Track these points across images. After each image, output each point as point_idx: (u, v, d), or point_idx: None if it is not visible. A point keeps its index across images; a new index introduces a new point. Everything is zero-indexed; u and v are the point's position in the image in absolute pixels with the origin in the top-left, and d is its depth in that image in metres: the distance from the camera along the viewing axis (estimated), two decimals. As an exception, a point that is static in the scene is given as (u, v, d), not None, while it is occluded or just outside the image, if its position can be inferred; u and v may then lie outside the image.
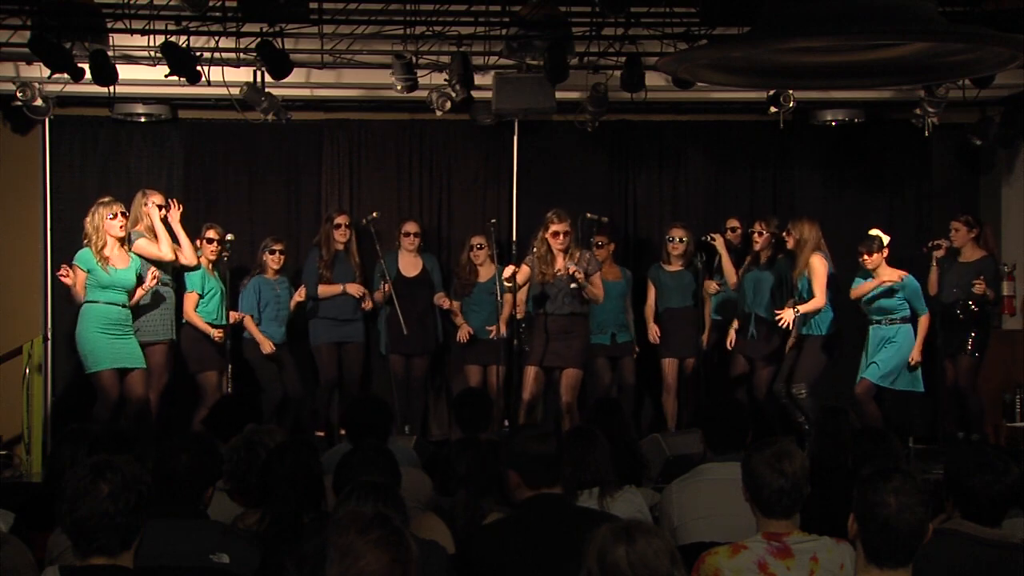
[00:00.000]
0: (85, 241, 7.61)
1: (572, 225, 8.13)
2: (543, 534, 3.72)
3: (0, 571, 3.46)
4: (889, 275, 8.06)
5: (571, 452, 4.39)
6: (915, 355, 8.08)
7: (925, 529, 3.08)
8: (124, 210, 7.67)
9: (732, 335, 8.80)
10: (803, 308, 8.21)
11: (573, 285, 7.97)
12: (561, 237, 8.07)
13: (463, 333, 8.94)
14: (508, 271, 8.10)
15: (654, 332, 8.92)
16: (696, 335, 8.87)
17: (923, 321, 8.11)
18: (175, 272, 8.20)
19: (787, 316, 8.19)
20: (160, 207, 8.01)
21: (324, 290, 8.76)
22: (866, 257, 8.05)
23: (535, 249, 8.19)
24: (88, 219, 7.65)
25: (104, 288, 7.54)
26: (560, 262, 8.09)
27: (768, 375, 8.63)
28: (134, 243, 7.77)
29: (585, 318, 8.28)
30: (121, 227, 7.61)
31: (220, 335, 8.22)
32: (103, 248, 7.54)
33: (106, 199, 7.72)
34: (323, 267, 8.78)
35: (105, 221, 7.56)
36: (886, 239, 8.10)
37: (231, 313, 8.41)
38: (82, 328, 7.56)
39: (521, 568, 3.66)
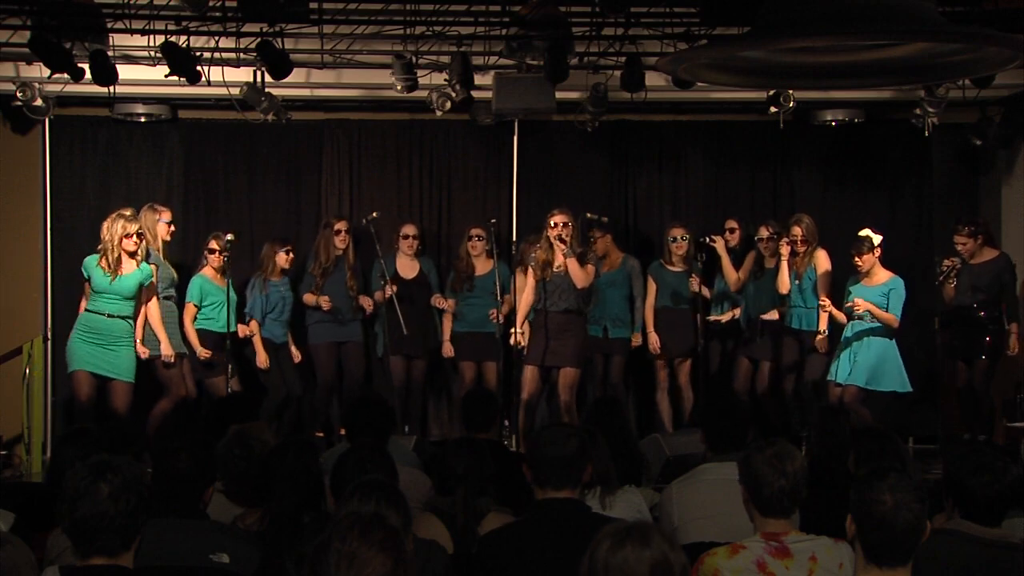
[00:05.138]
0: (99, 247, 7.63)
1: (574, 219, 8.21)
2: (548, 540, 3.71)
3: (0, 571, 3.46)
4: (881, 275, 8.02)
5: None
6: (860, 302, 7.88)
7: (923, 527, 3.08)
8: (142, 230, 7.73)
9: (728, 316, 8.78)
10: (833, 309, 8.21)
11: (561, 245, 8.07)
12: (561, 228, 8.14)
13: (447, 349, 8.98)
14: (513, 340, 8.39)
15: (654, 341, 8.89)
16: (692, 336, 8.87)
17: (892, 316, 7.93)
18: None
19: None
20: (170, 223, 8.22)
21: (307, 299, 8.78)
22: (856, 259, 7.98)
23: (535, 252, 8.23)
24: (105, 225, 7.64)
25: (97, 294, 7.60)
26: (560, 257, 8.15)
27: (770, 373, 8.64)
28: (147, 283, 7.75)
29: (582, 316, 8.33)
30: (135, 244, 7.65)
31: (206, 354, 8.25)
32: (117, 259, 7.56)
33: (127, 212, 7.72)
34: (319, 273, 8.78)
35: (120, 236, 7.59)
36: (877, 239, 8.03)
37: (240, 327, 8.49)
38: (72, 333, 7.74)
39: (524, 574, 3.65)
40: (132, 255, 7.64)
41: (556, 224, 8.18)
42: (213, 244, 8.40)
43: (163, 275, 8.07)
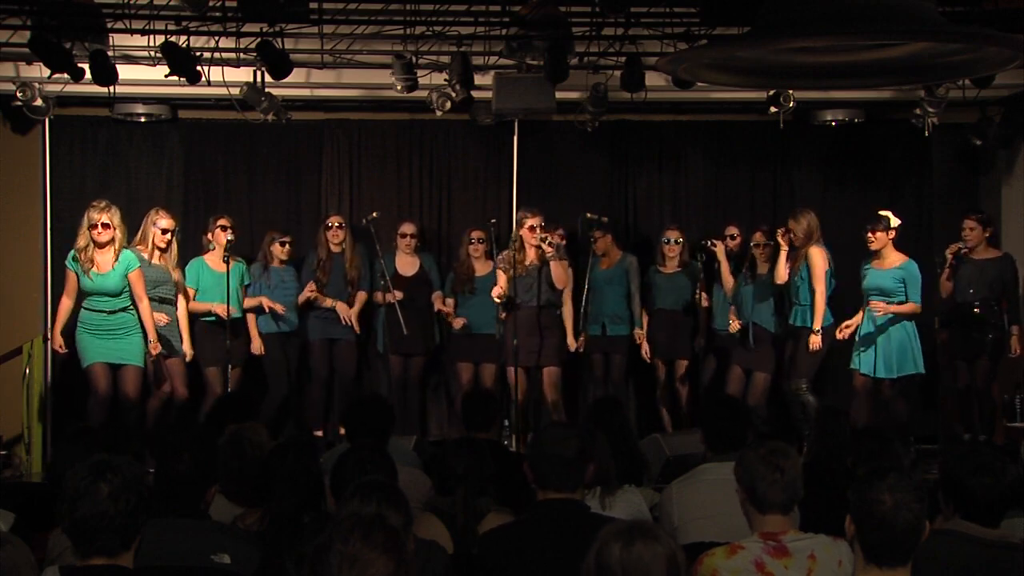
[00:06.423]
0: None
1: (546, 219, 8.49)
2: (548, 540, 3.71)
3: (0, 571, 3.46)
4: (893, 258, 8.04)
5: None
6: (880, 306, 7.94)
7: (922, 527, 3.09)
8: (108, 220, 7.66)
9: (737, 326, 8.70)
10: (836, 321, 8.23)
11: (549, 248, 8.28)
12: (538, 231, 8.37)
13: (458, 322, 8.91)
14: (496, 292, 8.43)
15: (645, 350, 8.91)
16: (689, 337, 8.86)
17: (911, 305, 7.96)
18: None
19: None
20: (165, 231, 8.07)
21: (300, 297, 8.78)
22: (870, 235, 8.01)
23: (506, 252, 8.39)
24: (83, 217, 7.76)
25: (87, 293, 7.67)
26: (532, 254, 8.38)
27: (764, 382, 8.55)
28: (132, 271, 7.73)
29: (558, 311, 8.56)
30: (100, 235, 7.64)
31: (223, 309, 8.19)
32: (85, 248, 7.61)
33: (101, 203, 7.75)
34: (319, 270, 8.80)
35: (87, 226, 7.64)
36: (895, 221, 8.07)
37: (262, 302, 8.52)
38: (76, 330, 7.74)
39: (524, 574, 3.65)
40: (102, 246, 7.65)
41: (535, 227, 8.36)
42: (224, 221, 8.38)
43: (152, 276, 7.94)
